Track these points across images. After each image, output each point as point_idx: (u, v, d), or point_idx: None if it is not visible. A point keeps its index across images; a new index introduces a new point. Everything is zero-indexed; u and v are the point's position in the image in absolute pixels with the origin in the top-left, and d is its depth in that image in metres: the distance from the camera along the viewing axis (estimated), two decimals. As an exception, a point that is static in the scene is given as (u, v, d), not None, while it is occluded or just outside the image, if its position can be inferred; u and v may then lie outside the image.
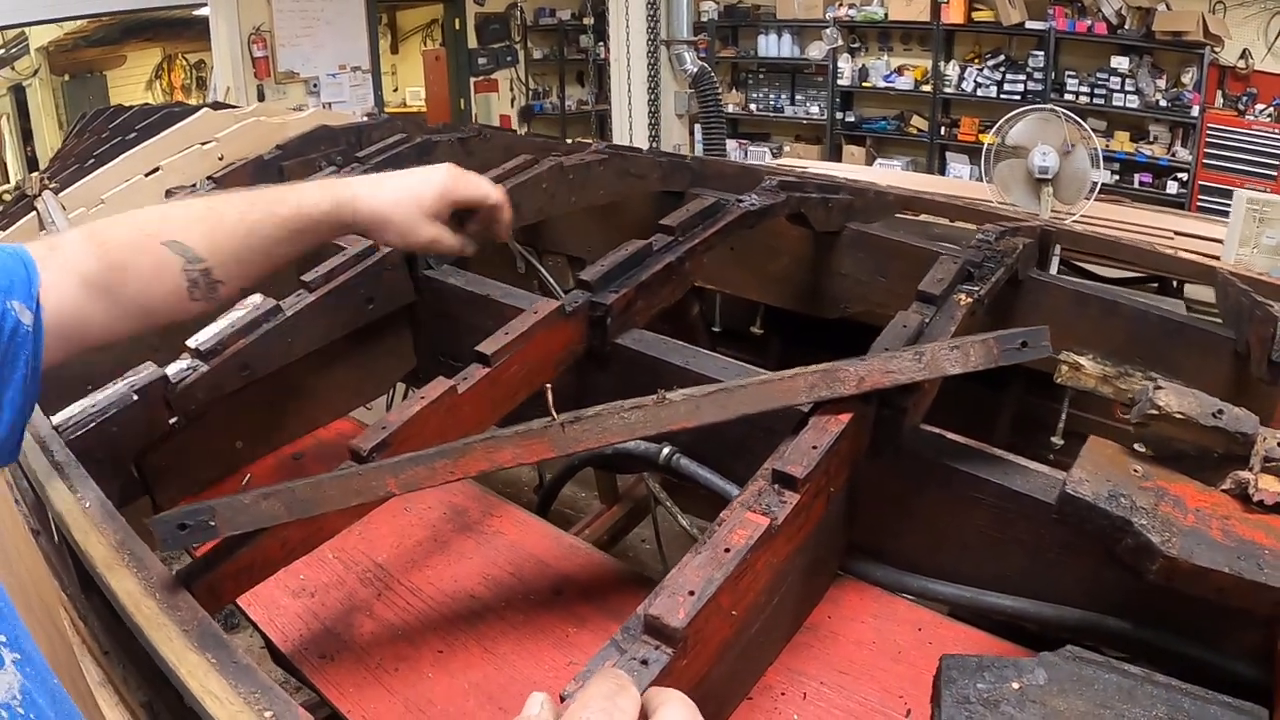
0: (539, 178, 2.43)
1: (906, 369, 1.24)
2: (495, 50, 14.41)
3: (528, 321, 1.71)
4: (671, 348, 1.71)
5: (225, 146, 3.89)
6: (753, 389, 1.26)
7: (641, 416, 1.28)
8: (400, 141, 3.06)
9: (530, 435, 1.33)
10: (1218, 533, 1.06)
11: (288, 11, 12.46)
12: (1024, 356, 1.24)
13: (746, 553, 1.08)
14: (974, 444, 1.42)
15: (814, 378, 1.25)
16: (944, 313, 1.59)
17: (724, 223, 1.98)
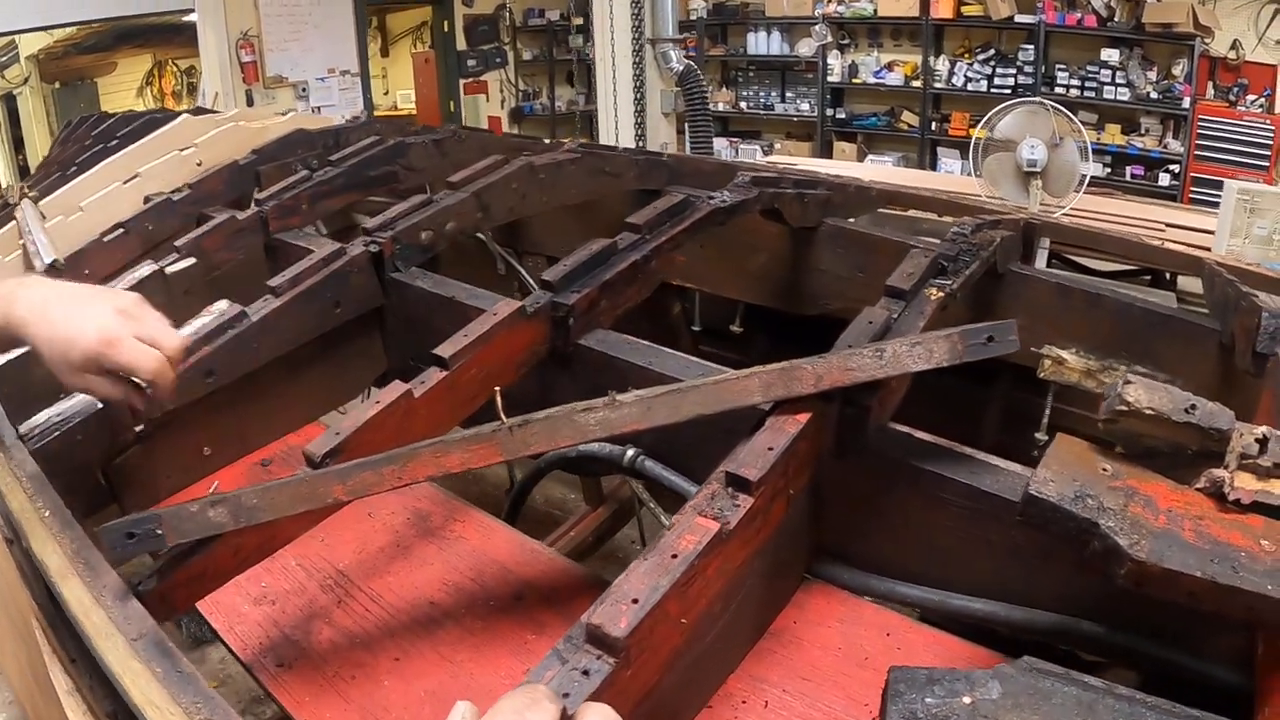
0: (509, 178, 2.39)
1: (866, 366, 1.20)
2: (484, 52, 14.37)
3: (487, 323, 1.67)
4: (635, 348, 1.67)
5: (204, 152, 3.84)
6: (706, 389, 1.22)
7: (591, 419, 1.23)
8: (374, 144, 3.02)
9: (478, 440, 1.29)
10: (1190, 534, 1.01)
11: (275, 16, 12.41)
12: (990, 352, 1.20)
13: (695, 558, 1.04)
14: (943, 442, 1.38)
15: (770, 377, 1.21)
16: (913, 308, 1.55)
17: (692, 220, 1.94)
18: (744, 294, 2.78)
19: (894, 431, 1.37)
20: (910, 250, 1.77)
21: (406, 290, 2.19)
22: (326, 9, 12.91)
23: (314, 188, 2.86)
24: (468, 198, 2.32)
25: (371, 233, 2.25)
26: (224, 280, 2.63)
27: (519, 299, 1.75)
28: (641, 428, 1.23)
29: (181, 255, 2.58)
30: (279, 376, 2.19)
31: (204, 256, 2.61)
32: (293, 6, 12.57)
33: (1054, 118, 6.18)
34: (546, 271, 1.75)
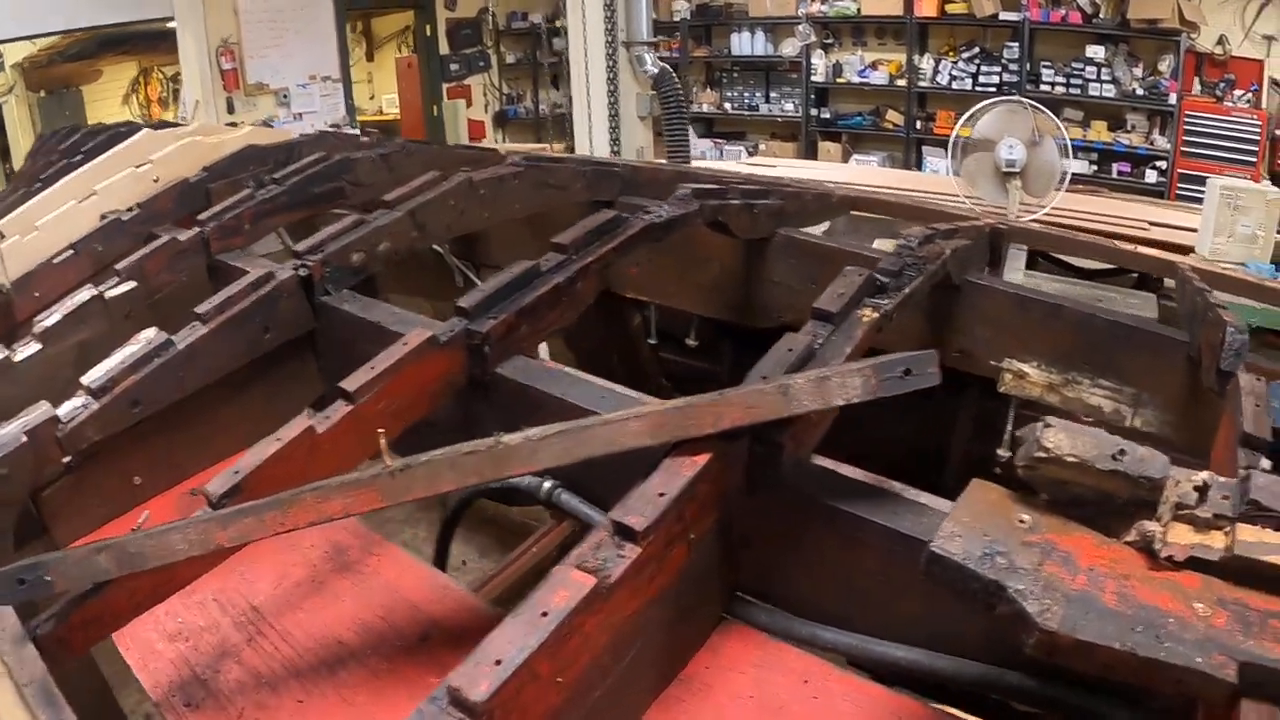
0: (446, 195, 2.31)
1: (769, 405, 1.11)
2: (467, 56, 14.28)
3: (395, 354, 1.59)
4: (553, 377, 1.58)
5: (160, 168, 3.75)
6: (596, 431, 1.13)
7: (474, 463, 1.15)
8: (318, 160, 2.93)
9: (358, 485, 1.21)
10: (1112, 597, 0.92)
11: (256, 23, 12.31)
12: (908, 386, 1.11)
13: (568, 616, 0.95)
14: (868, 478, 1.29)
15: (664, 418, 1.12)
16: (843, 331, 1.45)
17: (624, 237, 1.85)
18: (697, 306, 2.70)
19: (814, 468, 1.28)
20: (844, 268, 1.67)
21: (336, 314, 2.11)
22: (307, 14, 12.80)
23: (256, 206, 2.78)
24: (402, 217, 2.24)
25: (301, 255, 2.18)
26: (166, 303, 2.56)
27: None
28: (527, 471, 1.15)
29: (122, 278, 2.53)
30: (210, 403, 2.14)
31: (145, 279, 2.55)
32: (273, 13, 12.46)
33: (1034, 116, 6.09)
34: (463, 298, 1.67)
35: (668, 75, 6.58)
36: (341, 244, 2.18)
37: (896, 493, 1.26)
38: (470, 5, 14.32)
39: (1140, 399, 2.21)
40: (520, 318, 1.66)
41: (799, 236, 2.44)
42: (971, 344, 2.34)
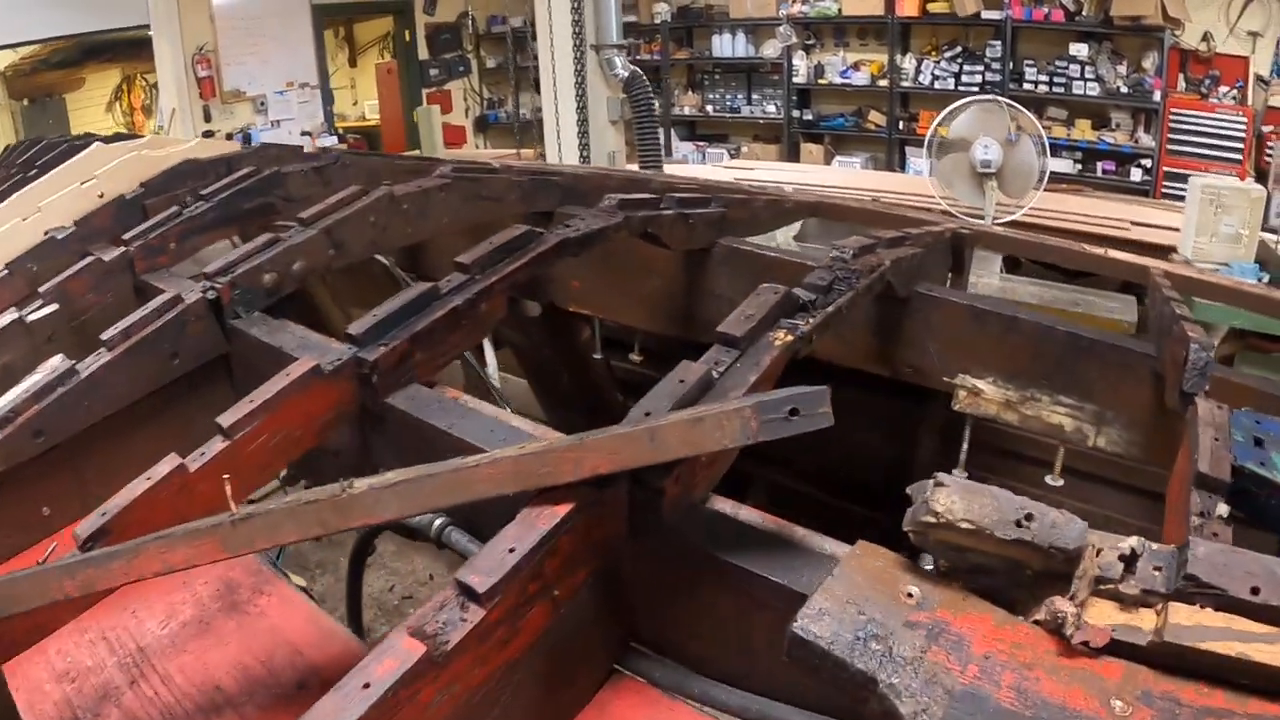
0: (365, 211, 2.18)
1: (631, 451, 0.98)
2: (447, 61, 14.19)
3: (276, 385, 1.47)
4: (443, 408, 1.46)
5: (105, 183, 3.63)
6: (445, 479, 1.01)
7: (316, 513, 1.03)
8: (247, 175, 2.81)
9: (199, 535, 1.10)
10: (1009, 693, 0.78)
11: (232, 30, 12.22)
12: (795, 429, 0.98)
13: (393, 688, 0.84)
14: (768, 523, 1.16)
15: (521, 464, 1.00)
16: (750, 357, 1.32)
17: (531, 255, 1.72)
18: (640, 320, 2.58)
19: (705, 512, 1.16)
20: (761, 285, 1.54)
21: (246, 338, 2.00)
22: (284, 21, 12.71)
23: (182, 224, 2.66)
24: (316, 235, 2.12)
25: (211, 277, 2.06)
26: (93, 326, 2.45)
27: None
28: (371, 522, 1.03)
29: (45, 301, 2.43)
30: (119, 432, 2.04)
31: (68, 301, 2.45)
32: (249, 20, 12.37)
33: (1010, 114, 5.99)
34: (354, 323, 1.54)
35: (638, 78, 6.47)
36: (252, 264, 2.06)
37: (797, 541, 1.13)
38: (450, 10, 14.23)
39: (1104, 416, 2.09)
40: (414, 344, 1.54)
41: (741, 247, 2.32)
42: (922, 359, 2.22)
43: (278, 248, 2.11)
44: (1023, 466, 3.04)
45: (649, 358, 3.00)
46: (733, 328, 1.34)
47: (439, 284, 1.64)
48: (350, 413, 1.55)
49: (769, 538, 1.14)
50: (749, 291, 2.34)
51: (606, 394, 3.23)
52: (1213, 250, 5.82)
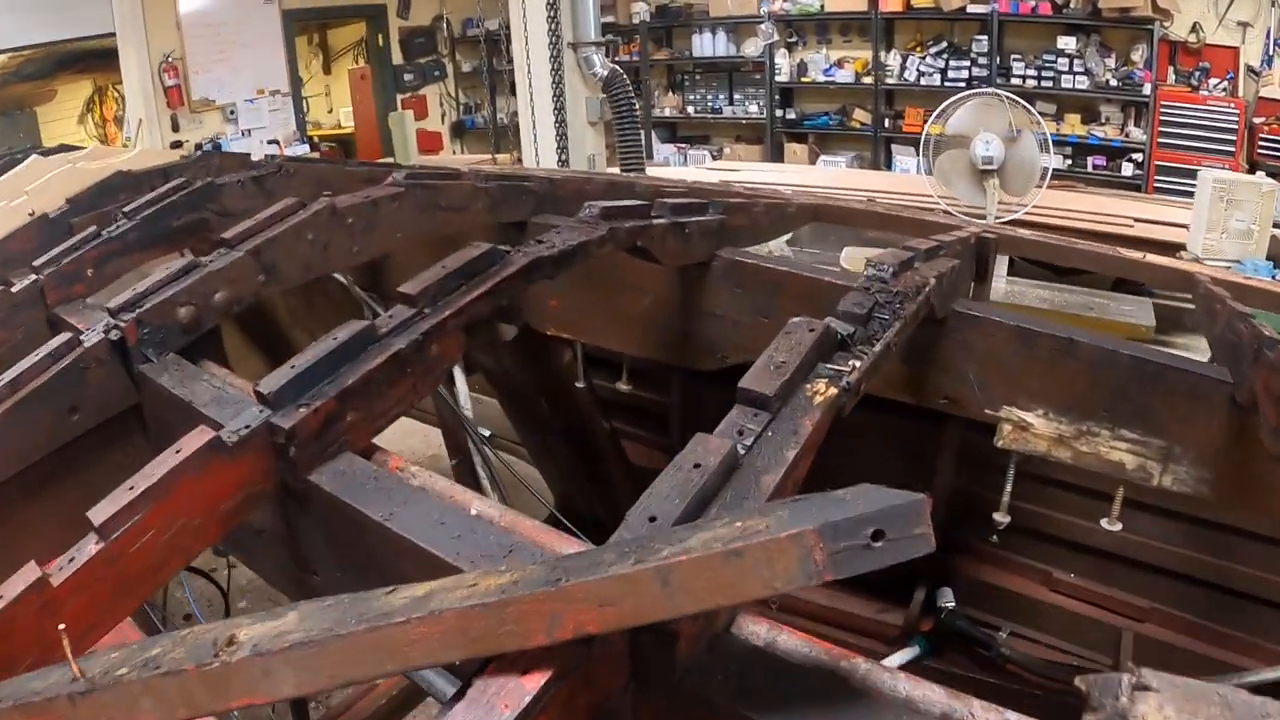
0: (300, 228, 1.83)
1: (632, 604, 0.64)
2: (422, 65, 13.85)
3: (164, 466, 1.12)
4: (380, 487, 1.10)
5: (35, 200, 3.30)
6: (362, 642, 0.67)
7: (181, 690, 0.69)
8: (177, 189, 2.45)
9: (30, 710, 0.75)
10: None
11: (200, 37, 11.87)
12: (880, 561, 0.64)
13: None
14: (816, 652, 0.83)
15: (470, 621, 0.66)
16: (784, 422, 0.98)
17: (495, 281, 1.37)
18: (628, 345, 2.24)
19: (733, 647, 0.81)
20: (790, 320, 1.19)
21: (155, 388, 1.64)
22: (254, 28, 12.36)
23: (100, 247, 2.30)
24: (242, 258, 1.77)
25: (115, 313, 1.70)
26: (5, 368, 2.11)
27: (256, 415, 1.18)
28: (257, 702, 0.69)
29: (-54, 339, 2.07)
30: (11, 501, 1.69)
31: (-27, 339, 2.09)
32: (218, 26, 12.02)
33: (1010, 110, 5.71)
34: (265, 379, 1.19)
35: (618, 77, 6.14)
36: (163, 297, 1.71)
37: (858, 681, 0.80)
38: (424, 13, 13.89)
39: (1171, 453, 1.78)
40: (343, 403, 1.18)
41: (744, 260, 1.98)
42: (960, 388, 1.89)
43: (195, 275, 1.76)
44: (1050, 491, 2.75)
45: (639, 384, 2.67)
46: (760, 383, 0.99)
47: (376, 322, 1.29)
48: (265, 493, 1.20)
49: (820, 675, 0.80)
50: (754, 312, 2.03)
51: (591, 423, 2.89)
52: (1224, 247, 5.57)
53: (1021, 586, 2.97)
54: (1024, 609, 2.93)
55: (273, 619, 0.76)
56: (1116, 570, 2.78)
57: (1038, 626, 2.87)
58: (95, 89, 15.38)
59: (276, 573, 1.48)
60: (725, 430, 0.95)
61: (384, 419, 1.25)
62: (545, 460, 3.13)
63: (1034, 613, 2.91)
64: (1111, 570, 2.79)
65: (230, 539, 1.69)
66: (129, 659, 0.82)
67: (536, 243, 1.50)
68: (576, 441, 2.96)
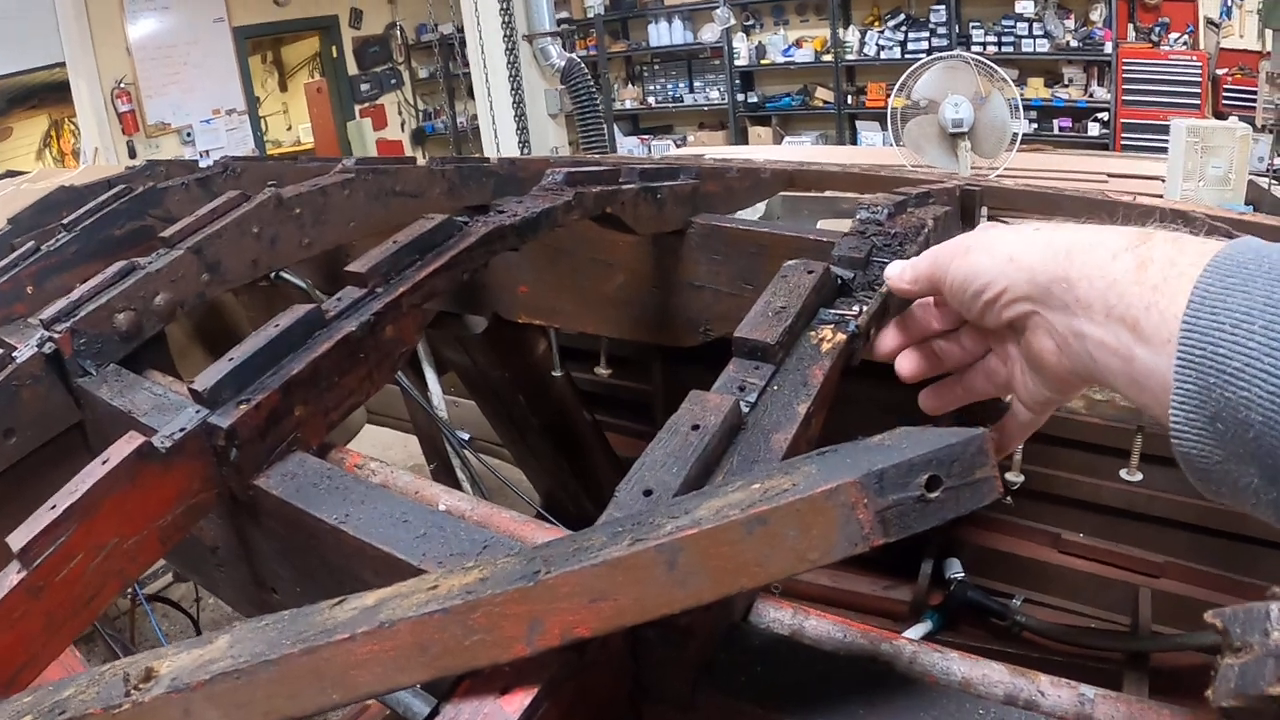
0: (243, 221, 1.69)
1: (634, 597, 0.50)
2: (378, 74, 13.69)
3: (89, 480, 0.98)
4: (335, 488, 0.96)
5: (-25, 225, 3.14)
6: (297, 669, 0.54)
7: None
8: (118, 196, 2.30)
9: None
10: None
11: (151, 60, 11.69)
12: (941, 515, 0.50)
13: None
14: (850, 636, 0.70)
15: (430, 632, 0.53)
16: (791, 374, 0.85)
17: (455, 252, 1.23)
18: (604, 328, 2.10)
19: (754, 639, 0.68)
20: (786, 263, 1.06)
21: (94, 401, 1.50)
22: (205, 48, 12.18)
23: (39, 262, 2.14)
24: (182, 256, 1.62)
25: (48, 325, 1.55)
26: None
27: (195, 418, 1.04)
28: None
29: (-127, 367, 1.91)
30: (-55, 533, 1.52)
31: (-91, 366, 1.93)
32: (169, 48, 11.83)
33: (977, 73, 5.61)
34: (200, 375, 1.05)
35: (576, 67, 6.01)
36: (99, 303, 1.56)
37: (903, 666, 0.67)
38: (376, 22, 13.73)
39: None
40: (289, 395, 1.04)
41: (723, 224, 1.85)
42: (962, 343, 1.76)
43: (133, 278, 1.61)
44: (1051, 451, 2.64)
45: (619, 369, 2.54)
46: (759, 331, 0.85)
47: (324, 305, 1.15)
48: (209, 504, 1.06)
49: (859, 663, 0.67)
50: (738, 280, 1.90)
51: (572, 415, 2.75)
52: (1202, 194, 5.50)
53: (1031, 551, 2.87)
54: (1035, 573, 2.82)
55: (200, 646, 0.63)
56: (1127, 527, 2.68)
57: (1050, 590, 2.76)
58: (51, 123, 15.20)
59: (236, 594, 1.34)
60: (724, 386, 0.81)
61: (337, 411, 1.12)
62: (527, 459, 2.99)
63: (1045, 577, 2.81)
64: (1122, 528, 2.69)
65: (183, 560, 1.55)
66: (39, 703, 0.68)
67: (498, 212, 1.36)
68: (558, 437, 2.82)
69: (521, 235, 1.33)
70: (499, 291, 2.18)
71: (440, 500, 0.94)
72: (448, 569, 0.60)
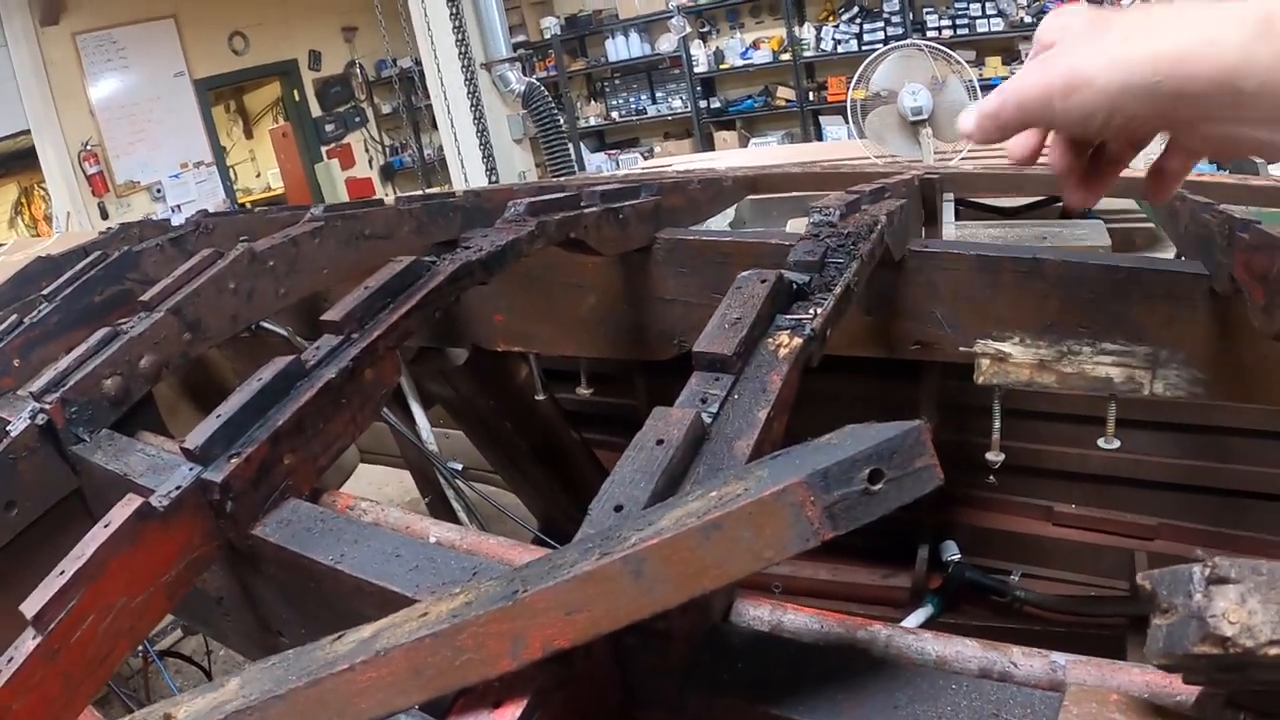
0: (219, 279, 1.73)
1: (605, 606, 0.54)
2: (341, 114, 13.74)
3: (94, 543, 1.01)
4: (328, 529, 1.00)
5: (-57, 302, 3.16)
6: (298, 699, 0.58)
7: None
8: (95, 263, 2.34)
9: None
10: None
11: (115, 120, 11.72)
12: (885, 505, 0.54)
13: None
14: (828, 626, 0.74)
15: (421, 653, 0.57)
16: (751, 382, 0.89)
17: (424, 293, 1.27)
18: (581, 348, 2.15)
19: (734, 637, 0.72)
20: (740, 275, 1.10)
21: (90, 467, 1.53)
22: (168, 103, 12.21)
23: (23, 335, 2.17)
24: (163, 318, 1.66)
25: (39, 396, 1.59)
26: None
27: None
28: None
29: None
30: (-46, 611, 1.55)
31: (-104, 445, 1.96)
32: (131, 107, 11.86)
33: (933, 59, 5.67)
34: (191, 433, 1.09)
35: (536, 90, 6.06)
36: (86, 371, 1.60)
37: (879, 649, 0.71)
38: (335, 62, 13.77)
39: (1158, 358, 1.71)
40: (277, 445, 1.08)
41: (686, 238, 1.90)
42: (930, 331, 1.82)
43: (117, 344, 1.65)
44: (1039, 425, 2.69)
45: (602, 387, 2.57)
46: (716, 343, 0.90)
47: (303, 356, 1.19)
48: (210, 557, 1.10)
49: (837, 651, 0.71)
50: (706, 290, 1.95)
51: (560, 436, 2.79)
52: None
53: (1025, 526, 2.92)
54: (1030, 548, 2.87)
55: (213, 690, 0.67)
56: (1118, 493, 2.73)
57: (1047, 563, 2.81)
58: (21, 190, 15.17)
59: (245, 642, 1.38)
60: (687, 400, 0.86)
61: (326, 456, 1.16)
62: (521, 484, 3.03)
63: (1041, 550, 2.86)
64: (1113, 494, 2.74)
65: (191, 613, 1.59)
66: None
67: (464, 249, 1.41)
68: (548, 459, 2.86)
69: (489, 269, 1.37)
70: (476, 322, 2.22)
71: (430, 533, 0.98)
72: (437, 596, 0.64)
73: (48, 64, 10.52)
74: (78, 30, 10.79)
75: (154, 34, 11.63)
